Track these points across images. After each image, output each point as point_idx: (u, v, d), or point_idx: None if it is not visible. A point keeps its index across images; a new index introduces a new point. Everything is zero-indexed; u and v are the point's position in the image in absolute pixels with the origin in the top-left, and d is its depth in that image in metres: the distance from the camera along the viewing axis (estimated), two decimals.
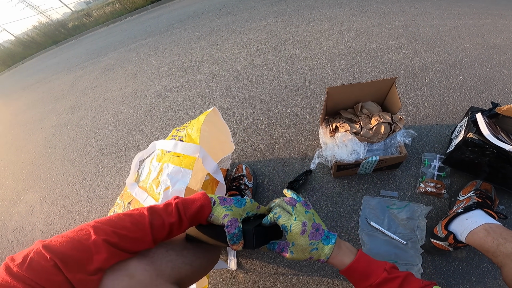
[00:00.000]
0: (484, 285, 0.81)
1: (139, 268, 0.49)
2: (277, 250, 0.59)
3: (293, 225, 0.55)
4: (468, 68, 1.43)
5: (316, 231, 0.56)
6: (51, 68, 4.35)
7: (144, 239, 0.50)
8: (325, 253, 0.55)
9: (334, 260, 0.56)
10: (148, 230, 0.50)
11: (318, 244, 0.56)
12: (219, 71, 2.04)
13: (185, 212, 0.54)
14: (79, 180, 1.59)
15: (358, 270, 0.54)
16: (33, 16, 13.10)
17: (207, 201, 0.56)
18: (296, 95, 1.56)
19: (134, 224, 0.49)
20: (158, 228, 0.51)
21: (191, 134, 0.85)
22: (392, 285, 0.50)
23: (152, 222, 0.51)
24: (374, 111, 1.03)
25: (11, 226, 1.51)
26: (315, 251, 0.55)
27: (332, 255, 0.55)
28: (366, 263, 0.55)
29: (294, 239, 0.55)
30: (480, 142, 0.81)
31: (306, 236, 0.55)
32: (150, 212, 0.52)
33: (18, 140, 2.35)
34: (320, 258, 0.56)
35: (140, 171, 0.96)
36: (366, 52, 1.74)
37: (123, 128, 1.84)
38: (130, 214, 0.51)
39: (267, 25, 2.52)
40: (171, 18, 4.07)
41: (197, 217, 0.56)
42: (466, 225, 0.73)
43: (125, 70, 2.75)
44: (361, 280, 0.53)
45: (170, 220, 0.52)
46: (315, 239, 0.56)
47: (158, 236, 0.52)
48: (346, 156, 0.94)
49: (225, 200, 0.59)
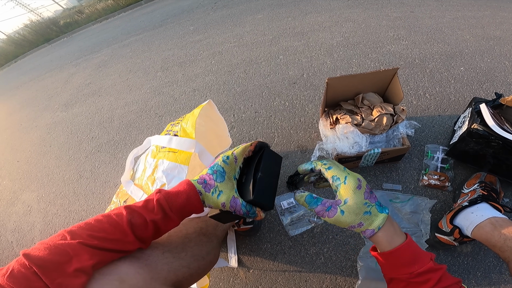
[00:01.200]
0: (489, 280, 0.80)
1: (131, 271, 0.47)
2: (319, 209, 0.49)
3: (349, 178, 0.49)
4: (469, 59, 1.41)
5: (370, 193, 0.50)
6: (44, 66, 4.28)
7: (125, 239, 0.47)
8: (378, 221, 0.47)
9: (383, 237, 0.48)
10: (127, 230, 0.46)
11: (372, 208, 0.48)
12: (215, 65, 2.00)
13: (170, 208, 0.49)
14: (75, 178, 1.56)
15: (407, 254, 0.47)
16: (23, 15, 12.95)
17: (192, 191, 0.51)
18: (294, 87, 1.53)
19: (112, 225, 0.46)
20: (140, 227, 0.48)
21: (186, 129, 0.82)
22: (434, 276, 0.45)
23: (131, 221, 0.47)
24: (375, 102, 1.01)
25: (10, 226, 1.49)
26: (368, 216, 0.47)
27: (384, 229, 0.48)
28: (416, 248, 0.48)
29: (348, 194, 0.48)
30: (485, 133, 0.79)
31: (362, 192, 0.48)
32: (129, 211, 0.48)
33: (13, 139, 2.31)
34: (370, 227, 0.48)
35: (136, 168, 0.93)
36: (365, 43, 1.71)
37: (119, 125, 1.81)
38: (108, 215, 0.48)
39: (263, 17, 2.48)
40: (165, 12, 4.01)
41: (186, 209, 0.51)
42: (472, 219, 0.71)
43: (119, 66, 2.70)
44: (405, 265, 0.47)
45: (152, 218, 0.48)
46: (370, 201, 0.49)
47: (143, 235, 0.49)
48: (347, 148, 0.91)
49: (206, 183, 0.52)
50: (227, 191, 0.52)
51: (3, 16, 18.36)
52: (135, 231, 0.47)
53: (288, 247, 0.96)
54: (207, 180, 0.52)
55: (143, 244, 0.50)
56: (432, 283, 0.45)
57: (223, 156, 0.56)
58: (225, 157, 0.55)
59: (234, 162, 0.55)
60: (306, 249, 0.94)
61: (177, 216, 0.51)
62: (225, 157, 0.55)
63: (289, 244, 0.96)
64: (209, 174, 0.53)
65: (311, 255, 0.93)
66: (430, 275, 0.46)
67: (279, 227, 1.00)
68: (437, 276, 0.45)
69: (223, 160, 0.55)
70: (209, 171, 0.54)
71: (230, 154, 0.56)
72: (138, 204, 0.50)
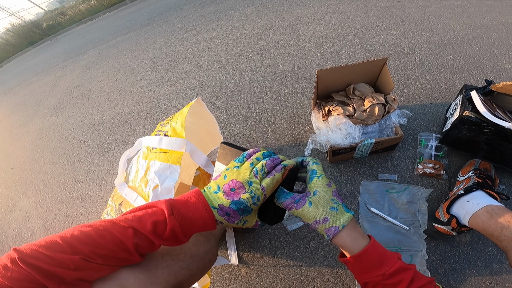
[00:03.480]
0: (490, 269, 0.80)
1: (131, 277, 0.46)
2: (288, 202, 0.50)
3: (323, 177, 0.51)
4: (457, 47, 1.41)
5: (338, 195, 0.52)
6: (30, 70, 4.17)
7: (129, 258, 0.46)
8: (343, 219, 0.48)
9: (347, 238, 0.48)
10: (132, 251, 0.45)
11: (339, 206, 0.49)
12: (205, 62, 1.98)
13: (184, 234, 0.47)
14: (70, 182, 1.54)
15: (375, 255, 0.47)
16: (4, 18, 12.59)
17: (209, 219, 0.47)
18: (285, 81, 1.52)
19: (116, 245, 0.44)
20: (146, 248, 0.46)
21: (175, 128, 0.81)
22: (406, 276, 0.45)
23: (138, 243, 0.45)
24: (366, 92, 1.00)
25: (10, 233, 1.48)
26: (334, 212, 0.48)
27: (348, 229, 0.48)
28: (382, 249, 0.49)
29: (318, 187, 0.50)
30: (477, 120, 0.79)
31: (331, 190, 0.51)
32: (135, 232, 0.44)
33: (5, 146, 2.27)
34: (334, 224, 0.48)
35: (129, 170, 0.92)
36: (354, 34, 1.70)
37: (110, 126, 1.78)
38: (111, 232, 0.44)
39: (252, 12, 2.45)
40: (151, 11, 3.94)
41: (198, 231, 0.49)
42: (468, 207, 0.71)
43: (107, 67, 2.65)
44: (375, 267, 0.47)
45: (161, 243, 0.46)
46: (338, 200, 0.50)
47: (148, 251, 0.48)
48: (341, 140, 0.91)
49: (229, 216, 0.48)
50: (252, 219, 0.52)
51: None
52: (139, 251, 0.46)
53: (287, 242, 0.96)
54: (231, 214, 0.48)
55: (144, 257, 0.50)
56: (405, 284, 0.45)
57: (253, 195, 0.48)
58: (255, 198, 0.48)
59: (263, 200, 0.50)
60: (305, 244, 0.94)
61: (187, 240, 0.49)
62: (255, 198, 0.48)
63: (288, 239, 0.97)
64: (234, 210, 0.48)
65: (311, 249, 0.93)
66: (402, 275, 0.46)
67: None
68: (409, 276, 0.45)
69: (254, 203, 0.48)
70: (234, 207, 0.48)
71: (261, 193, 0.48)
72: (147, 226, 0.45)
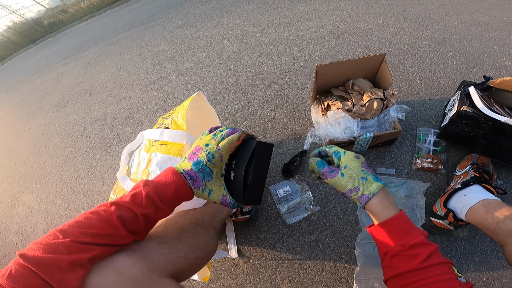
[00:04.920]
0: (487, 265, 0.80)
1: (127, 263, 0.47)
2: (324, 170, 0.58)
3: (347, 151, 0.58)
4: (458, 44, 1.42)
5: (367, 166, 0.57)
6: (32, 67, 4.20)
7: (117, 233, 0.47)
8: (373, 187, 0.53)
9: (378, 205, 0.52)
10: (118, 224, 0.47)
11: (369, 176, 0.55)
12: (206, 58, 1.99)
13: (161, 200, 0.50)
14: (73, 177, 1.56)
15: (400, 225, 0.51)
16: (5, 16, 12.59)
17: (180, 181, 0.51)
18: (286, 77, 1.53)
19: (102, 221, 0.46)
20: (130, 221, 0.48)
21: (177, 121, 0.82)
22: (424, 250, 0.48)
23: (121, 215, 0.47)
24: (365, 87, 1.01)
25: (13, 228, 1.49)
26: (364, 181, 0.54)
27: (378, 197, 0.52)
28: (409, 222, 0.52)
29: (347, 161, 0.56)
30: (475, 115, 0.80)
31: (360, 162, 0.56)
32: (117, 206, 0.48)
33: (8, 142, 2.29)
34: (365, 192, 0.53)
35: (130, 163, 0.94)
36: (354, 31, 1.71)
37: (112, 122, 1.80)
38: (96, 211, 0.48)
39: (253, 8, 2.45)
40: (152, 8, 3.94)
41: (177, 200, 0.52)
42: (465, 201, 0.71)
43: (109, 63, 2.67)
44: (398, 236, 0.50)
45: (142, 212, 0.49)
46: (367, 170, 0.56)
47: (135, 228, 0.49)
48: (339, 134, 0.92)
49: (193, 180, 0.52)
50: (217, 189, 0.54)
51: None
52: (125, 225, 0.48)
53: (286, 236, 0.97)
54: (194, 177, 0.52)
55: (137, 237, 0.51)
56: (421, 257, 0.47)
57: (207, 152, 0.53)
58: (210, 155, 0.53)
59: (220, 161, 0.54)
60: (304, 237, 0.96)
61: (168, 207, 0.51)
62: (210, 155, 0.53)
63: (287, 233, 0.98)
64: (195, 171, 0.52)
65: (309, 242, 0.94)
66: (420, 250, 0.48)
67: (277, 216, 1.01)
68: (427, 252, 0.47)
69: (209, 160, 0.53)
70: (194, 167, 0.52)
71: (215, 151, 0.53)
72: (125, 198, 0.50)
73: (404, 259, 0.48)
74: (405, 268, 0.48)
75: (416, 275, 0.47)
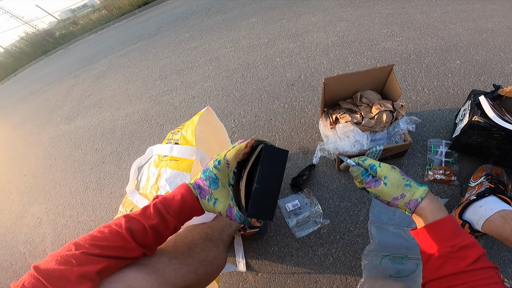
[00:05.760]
0: (506, 274, 0.79)
1: (138, 278, 0.48)
2: (369, 179, 0.57)
3: (382, 163, 0.58)
4: (464, 52, 1.41)
5: (406, 174, 0.57)
6: (43, 79, 4.32)
7: (127, 246, 0.48)
8: (419, 192, 0.52)
9: (428, 206, 0.51)
10: (127, 237, 0.47)
11: (412, 182, 0.54)
12: (212, 71, 2.01)
13: (167, 211, 0.50)
14: (82, 190, 1.57)
15: (449, 227, 0.49)
16: (19, 27, 12.99)
17: (187, 192, 0.51)
18: (292, 89, 1.54)
19: (113, 234, 0.47)
20: (139, 233, 0.48)
21: (186, 136, 0.82)
22: (473, 253, 0.46)
23: (130, 228, 0.48)
24: (374, 99, 1.01)
25: (21, 238, 1.51)
26: (409, 188, 0.53)
27: (427, 200, 0.51)
28: (458, 224, 0.51)
29: (385, 172, 0.56)
30: (487, 125, 0.79)
31: (397, 171, 0.56)
32: (127, 219, 0.49)
33: (18, 154, 2.34)
34: (413, 197, 0.52)
35: (139, 177, 0.94)
36: (359, 41, 1.72)
37: (121, 135, 1.82)
38: (109, 225, 0.49)
39: (258, 21, 2.49)
40: (159, 21, 4.04)
41: (185, 211, 0.51)
42: (481, 213, 0.70)
43: (118, 76, 2.72)
44: (448, 238, 0.48)
45: (150, 223, 0.49)
46: (407, 177, 0.55)
47: (144, 241, 0.49)
48: (349, 147, 0.92)
49: (201, 189, 0.51)
50: (223, 199, 0.51)
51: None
52: (135, 237, 0.48)
53: (295, 249, 0.96)
54: (202, 186, 0.51)
55: (147, 250, 0.51)
56: (470, 260, 0.45)
57: (215, 160, 0.52)
58: (216, 161, 0.52)
59: (226, 168, 0.52)
60: (314, 251, 0.94)
61: (175, 219, 0.51)
62: (216, 161, 0.52)
63: (297, 246, 0.96)
64: (202, 179, 0.52)
65: (319, 256, 0.93)
66: (470, 252, 0.46)
67: (285, 230, 1.00)
68: (476, 255, 0.46)
69: (215, 166, 0.52)
70: (202, 175, 0.52)
71: (222, 158, 0.52)
72: (137, 212, 0.51)
73: (451, 261, 0.47)
74: (450, 270, 0.46)
75: (461, 278, 0.45)
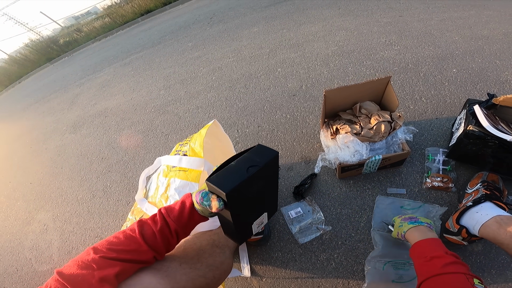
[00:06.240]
0: (505, 277, 0.81)
1: (153, 282, 0.53)
2: None
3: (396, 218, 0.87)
4: (460, 60, 1.45)
5: (409, 218, 0.81)
6: (48, 87, 4.37)
7: (140, 249, 0.53)
8: (405, 228, 0.78)
9: (409, 237, 0.76)
10: (140, 240, 0.53)
11: (404, 223, 0.80)
12: (216, 81, 2.05)
13: (168, 215, 0.57)
14: (88, 198, 1.60)
15: (425, 245, 0.68)
16: (23, 34, 13.16)
17: (187, 198, 0.59)
18: (294, 100, 1.57)
19: (128, 238, 0.54)
20: (150, 237, 0.55)
21: (194, 148, 0.87)
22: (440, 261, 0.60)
23: (142, 232, 0.55)
24: (372, 110, 1.05)
25: (27, 244, 1.53)
26: (400, 227, 0.80)
27: (408, 232, 0.76)
28: (431, 242, 0.69)
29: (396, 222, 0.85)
30: (481, 134, 0.82)
31: (400, 219, 0.84)
32: (140, 224, 0.57)
33: (24, 162, 2.37)
34: (401, 232, 0.79)
35: (148, 186, 0.98)
36: (358, 51, 1.76)
37: (127, 145, 1.85)
38: (124, 231, 0.56)
39: (259, 31, 2.54)
40: (162, 29, 4.09)
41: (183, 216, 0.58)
42: (477, 218, 0.73)
43: (122, 85, 2.77)
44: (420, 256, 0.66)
45: (157, 228, 0.56)
46: (404, 221, 0.81)
47: (155, 245, 0.55)
48: (349, 157, 0.95)
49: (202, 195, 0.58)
50: None
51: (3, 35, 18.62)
52: (147, 240, 0.54)
53: (298, 255, 0.99)
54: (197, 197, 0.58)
55: (157, 254, 0.56)
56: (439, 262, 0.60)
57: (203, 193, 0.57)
58: None
59: None
60: (316, 256, 0.97)
61: (175, 222, 0.57)
62: None
63: (300, 252, 0.99)
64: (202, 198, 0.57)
65: (322, 261, 0.96)
66: (436, 261, 0.61)
67: (289, 236, 1.03)
68: (443, 261, 0.59)
69: None
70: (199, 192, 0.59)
71: None
72: (147, 218, 0.59)
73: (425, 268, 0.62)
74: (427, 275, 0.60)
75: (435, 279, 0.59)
